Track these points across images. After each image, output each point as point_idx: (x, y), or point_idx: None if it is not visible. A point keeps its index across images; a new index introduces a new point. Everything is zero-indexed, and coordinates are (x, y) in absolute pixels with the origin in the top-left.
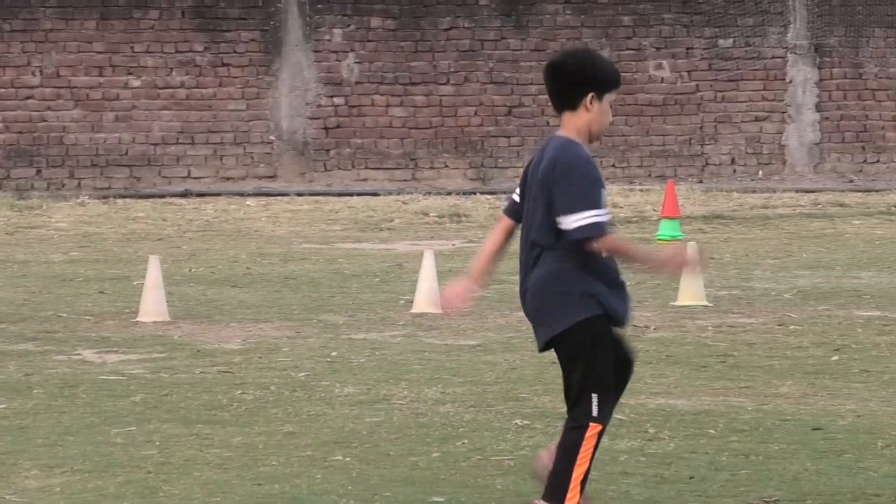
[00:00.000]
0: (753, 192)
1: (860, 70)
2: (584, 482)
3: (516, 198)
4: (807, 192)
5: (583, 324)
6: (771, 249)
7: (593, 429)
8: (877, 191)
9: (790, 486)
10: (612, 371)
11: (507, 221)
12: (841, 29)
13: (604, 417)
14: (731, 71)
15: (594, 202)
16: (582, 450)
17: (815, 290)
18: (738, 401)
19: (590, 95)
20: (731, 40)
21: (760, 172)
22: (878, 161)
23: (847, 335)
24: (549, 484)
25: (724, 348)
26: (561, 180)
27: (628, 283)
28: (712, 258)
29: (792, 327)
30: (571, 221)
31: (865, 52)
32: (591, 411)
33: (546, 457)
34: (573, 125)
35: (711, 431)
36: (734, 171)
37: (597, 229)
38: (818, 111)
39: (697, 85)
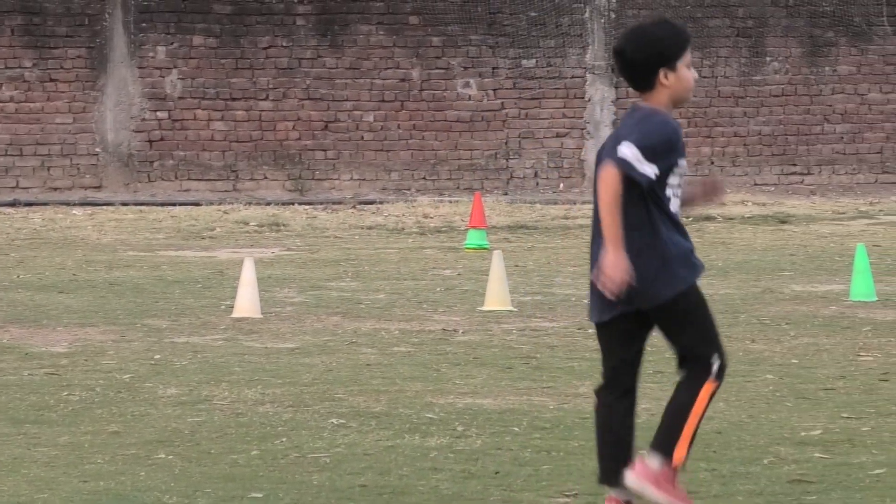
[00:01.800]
0: (555, 203)
1: None
2: (692, 442)
3: None
4: None
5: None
6: (571, 257)
7: (710, 386)
8: None
9: (589, 480)
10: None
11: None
12: None
13: (721, 376)
14: (534, 90)
15: (649, 150)
16: (696, 405)
17: None
18: (541, 400)
19: (662, 72)
20: (533, 61)
21: (561, 185)
22: None
23: None
24: (658, 437)
25: (527, 350)
26: (640, 126)
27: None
28: (517, 265)
29: (590, 330)
30: (620, 146)
31: None
32: (711, 371)
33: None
34: (656, 101)
35: (516, 429)
36: (537, 183)
37: (619, 161)
38: (615, 128)
39: (503, 103)
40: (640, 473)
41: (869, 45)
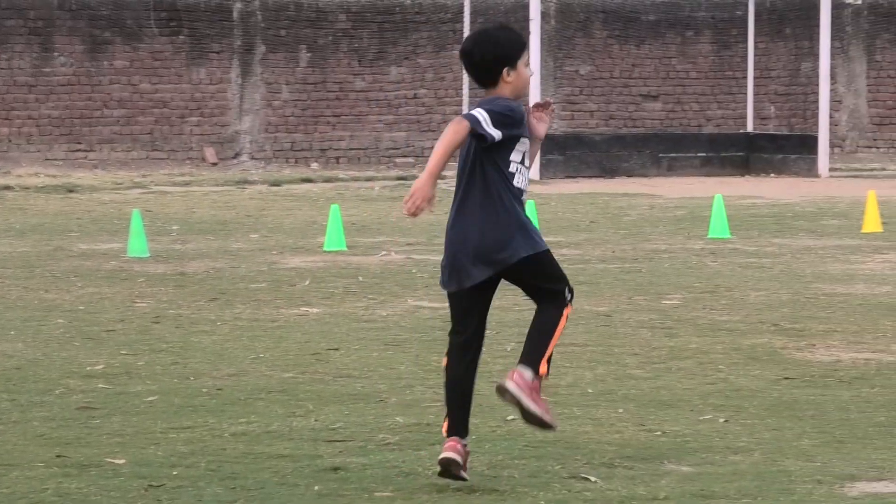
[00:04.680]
0: None
1: None
2: (551, 358)
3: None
4: None
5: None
6: None
7: (568, 310)
8: None
9: None
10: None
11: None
12: None
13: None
14: None
15: (494, 117)
16: (559, 325)
17: None
18: None
19: (505, 71)
20: None
21: None
22: None
23: None
24: (526, 353)
25: None
26: (485, 101)
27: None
28: None
29: None
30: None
31: None
32: (567, 299)
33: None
34: (497, 95)
35: None
36: None
37: (469, 116)
38: None
39: None
40: (518, 383)
41: (140, 44)
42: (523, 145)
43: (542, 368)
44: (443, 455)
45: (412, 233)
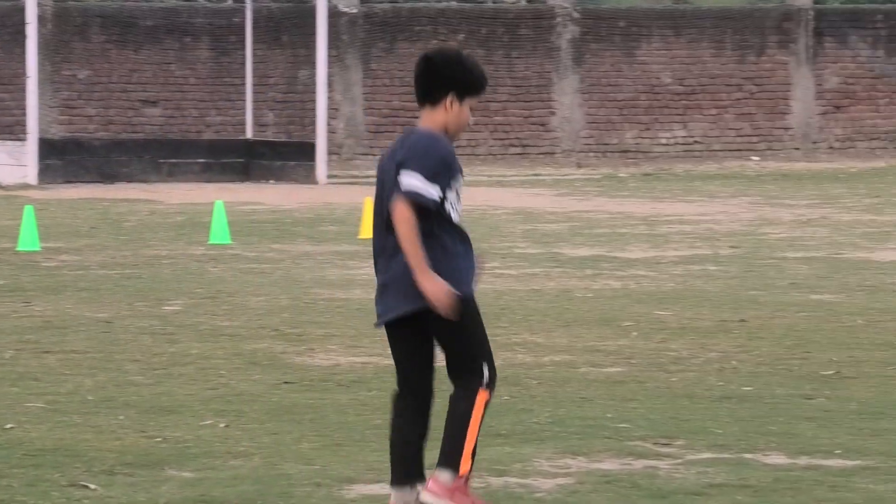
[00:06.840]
0: None
1: None
2: (475, 451)
3: None
4: None
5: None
6: None
7: (483, 396)
8: None
9: None
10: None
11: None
12: None
13: (493, 385)
14: None
15: (430, 173)
16: (473, 416)
17: None
18: None
19: (451, 96)
20: None
21: None
22: None
23: None
24: (443, 452)
25: None
26: (416, 150)
27: None
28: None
29: None
30: (403, 176)
31: None
32: (483, 380)
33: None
34: (432, 121)
35: None
36: None
37: (407, 193)
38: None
39: None
40: (435, 491)
41: None
42: (458, 183)
43: (464, 467)
44: None
45: None
